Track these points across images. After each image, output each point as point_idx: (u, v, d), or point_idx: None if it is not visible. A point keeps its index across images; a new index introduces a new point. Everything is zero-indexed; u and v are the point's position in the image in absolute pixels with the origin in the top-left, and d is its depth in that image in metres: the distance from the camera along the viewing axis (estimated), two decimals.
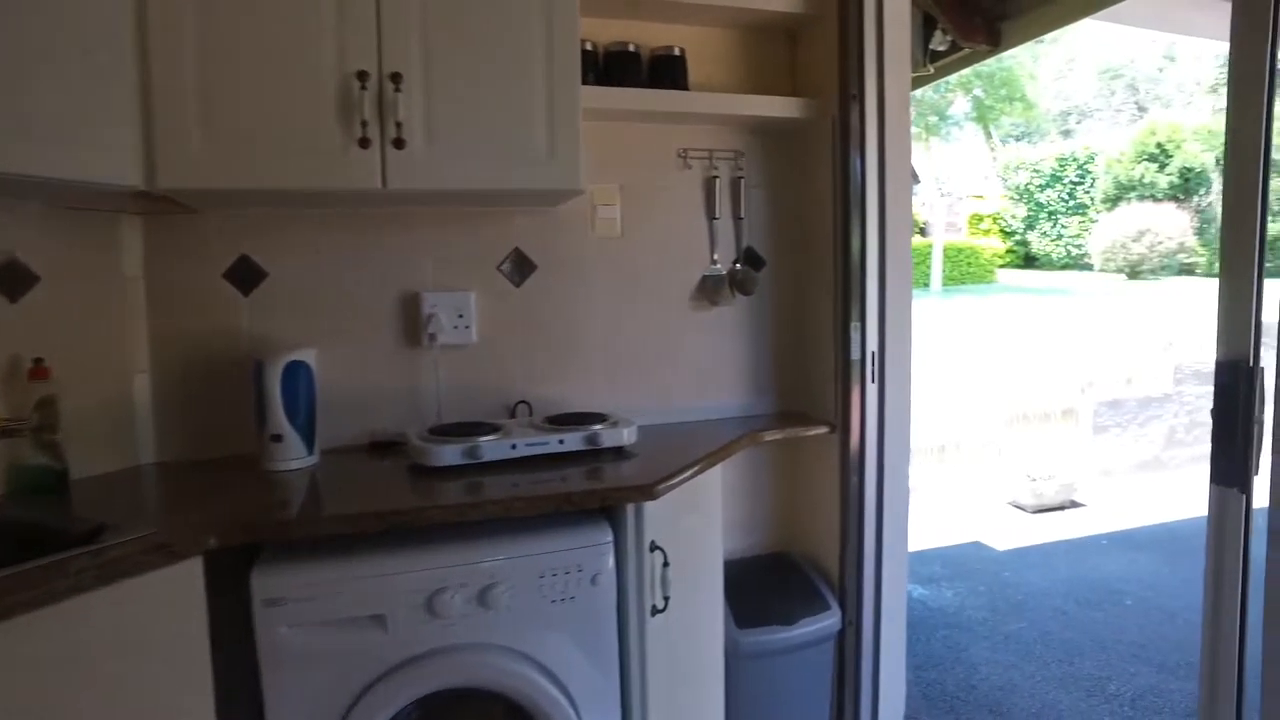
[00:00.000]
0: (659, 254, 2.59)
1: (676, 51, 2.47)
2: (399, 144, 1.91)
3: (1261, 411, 1.36)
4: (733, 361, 2.70)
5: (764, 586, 2.61)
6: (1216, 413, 1.42)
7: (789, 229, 2.72)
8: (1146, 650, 3.52)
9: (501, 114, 2.01)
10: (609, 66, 2.43)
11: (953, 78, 12.53)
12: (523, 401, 2.46)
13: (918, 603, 4.05)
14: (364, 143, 1.89)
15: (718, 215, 2.63)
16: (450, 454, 1.98)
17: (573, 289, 2.51)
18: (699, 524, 2.17)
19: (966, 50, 3.20)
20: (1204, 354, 6.38)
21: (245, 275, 2.24)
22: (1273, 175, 1.37)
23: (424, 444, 2.00)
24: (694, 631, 2.15)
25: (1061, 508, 5.44)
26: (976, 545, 4.83)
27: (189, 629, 1.54)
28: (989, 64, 11.31)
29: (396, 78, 1.89)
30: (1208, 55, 23.40)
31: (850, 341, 2.45)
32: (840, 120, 2.43)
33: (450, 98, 1.96)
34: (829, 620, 2.48)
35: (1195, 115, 17.09)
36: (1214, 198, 14.06)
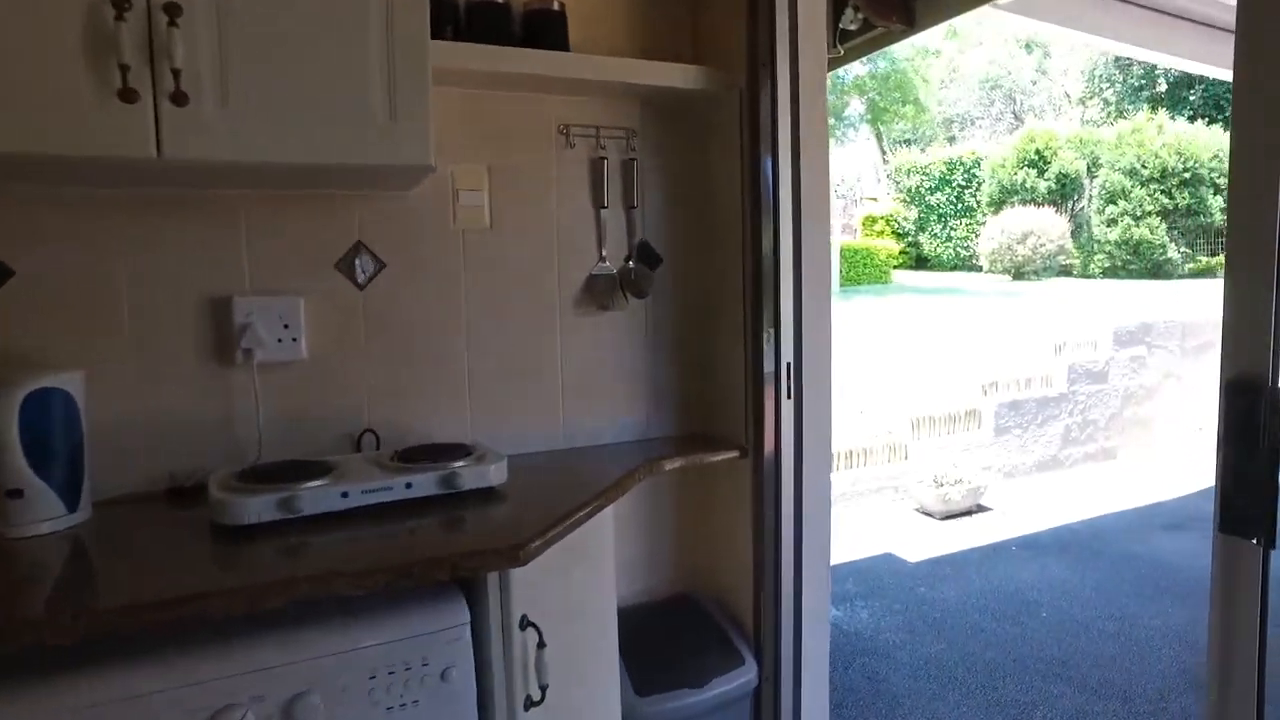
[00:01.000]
0: (536, 249, 2.18)
1: (555, 6, 2.06)
2: (179, 99, 1.42)
3: None
4: (627, 376, 2.30)
5: (667, 637, 2.22)
6: (1227, 444, 1.13)
7: (691, 221, 2.35)
8: (1067, 668, 3.34)
9: (324, 65, 1.55)
10: (472, 20, 2.00)
11: (848, 79, 12.63)
12: (369, 431, 1.99)
13: (833, 626, 3.76)
14: (127, 95, 1.39)
15: (606, 204, 2.23)
16: (257, 508, 1.50)
17: (431, 292, 2.06)
18: (585, 580, 1.77)
19: (879, 30, 2.93)
20: (1095, 353, 6.46)
21: None
22: None
23: (224, 495, 1.52)
24: None
25: (969, 512, 5.32)
26: (888, 557, 4.62)
27: None
28: (883, 66, 11.42)
29: (172, 8, 1.41)
30: (1074, 70, 24.80)
31: (762, 352, 2.10)
32: (749, 93, 2.08)
33: (251, 40, 1.49)
34: (744, 676, 2.12)
35: (1066, 125, 17.92)
36: (1086, 203, 14.73)
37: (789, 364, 2.11)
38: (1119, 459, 6.52)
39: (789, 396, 2.13)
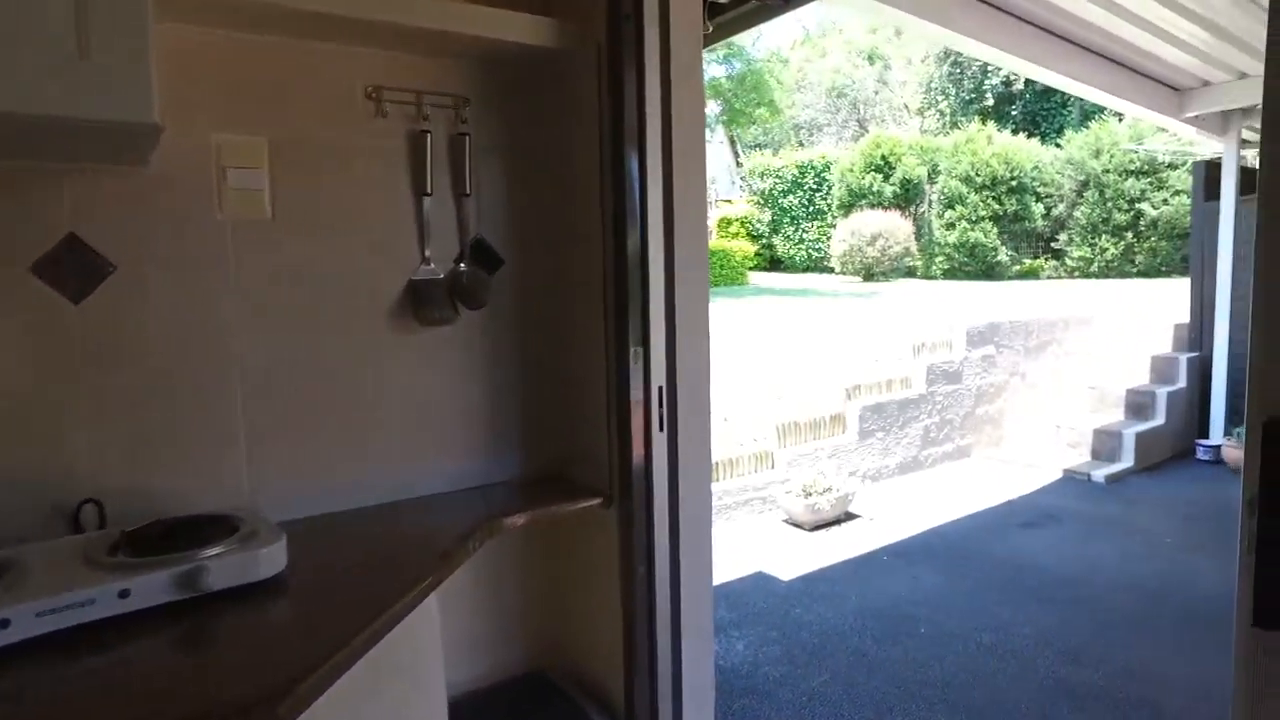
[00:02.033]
0: (337, 249, 1.68)
1: None
2: None
3: None
4: (461, 408, 1.84)
5: None
6: (1265, 513, 0.83)
7: (540, 214, 1.92)
8: (951, 691, 3.16)
9: None
10: None
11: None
12: (91, 502, 1.43)
13: None
14: None
15: (430, 190, 1.77)
16: None
17: (185, 305, 1.52)
18: (401, 701, 1.31)
19: (753, 4, 2.62)
20: (950, 354, 6.57)
21: None
22: None
23: None
24: None
25: (839, 521, 5.19)
26: (760, 577, 4.37)
27: None
28: (739, 68, 11.40)
29: None
30: (912, 82, 26.27)
31: (629, 375, 1.70)
32: (609, 51, 1.68)
33: None
34: None
35: (907, 133, 18.78)
36: (927, 207, 15.47)
37: (661, 388, 1.73)
38: (973, 457, 6.65)
39: (662, 428, 1.74)
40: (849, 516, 5.28)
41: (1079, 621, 3.74)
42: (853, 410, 5.90)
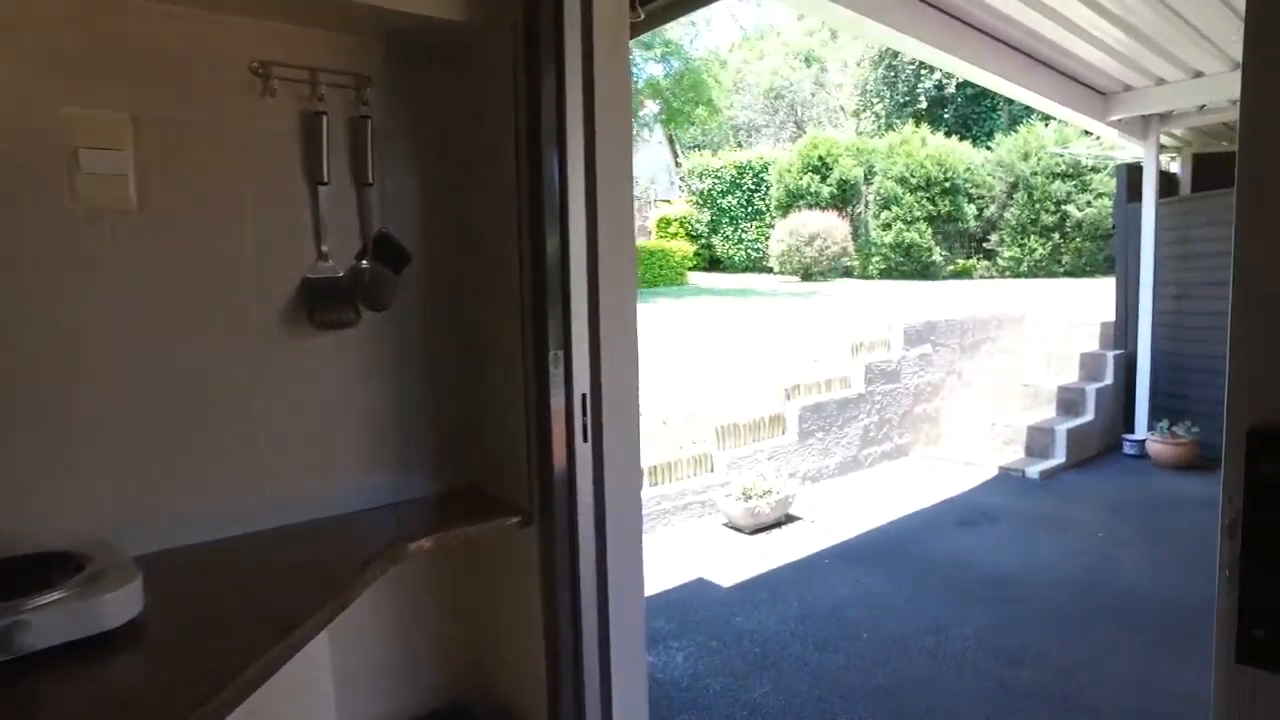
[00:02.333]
0: (218, 243, 1.49)
1: None
2: None
3: None
4: (365, 419, 1.67)
5: None
6: (1249, 535, 0.73)
7: (453, 206, 1.76)
8: (894, 698, 3.11)
9: None
10: None
11: (641, 78, 12.47)
12: None
13: (647, 676, 3.31)
14: None
15: (327, 179, 1.59)
16: None
17: (26, 306, 1.32)
18: None
19: None
20: (889, 353, 6.58)
21: None
22: None
23: None
24: None
25: (779, 524, 5.12)
26: (700, 584, 4.26)
27: None
28: (677, 67, 11.33)
29: None
30: (848, 85, 26.70)
31: (548, 381, 1.55)
32: (526, 30, 1.53)
33: None
34: None
35: (843, 134, 19.04)
36: (863, 207, 15.67)
37: (585, 395, 1.59)
38: (911, 455, 6.69)
39: (585, 438, 1.60)
40: (790, 519, 5.22)
41: (1017, 621, 3.73)
42: (792, 411, 5.85)
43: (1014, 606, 3.89)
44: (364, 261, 1.63)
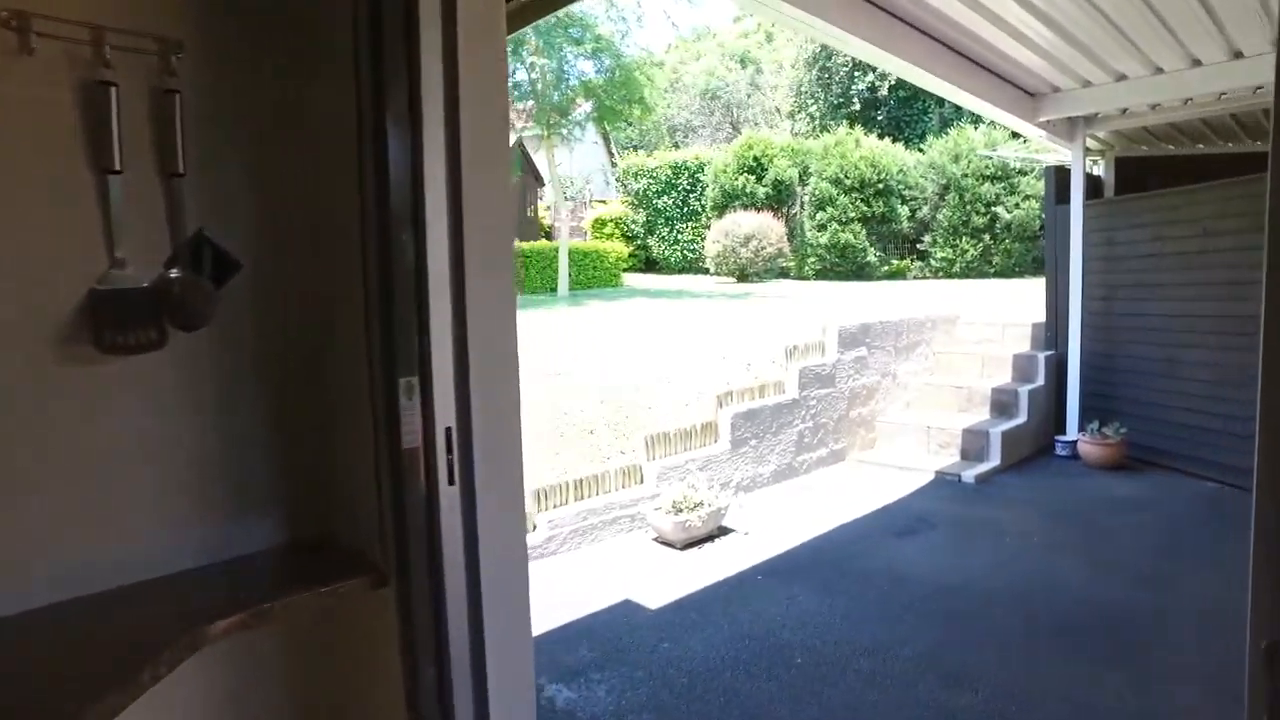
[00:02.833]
0: None
1: None
2: None
3: None
4: (179, 460, 1.36)
5: None
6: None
7: (289, 204, 1.46)
8: None
9: None
10: None
11: (573, 77, 12.17)
12: None
13: (564, 714, 3.05)
14: None
15: (119, 166, 1.28)
16: None
17: None
18: None
19: None
20: (823, 357, 6.44)
21: None
22: None
23: None
24: None
25: (711, 538, 4.90)
26: (627, 606, 4.00)
27: None
28: (609, 64, 11.08)
29: None
30: (783, 86, 26.86)
31: (399, 414, 1.27)
32: None
33: None
34: None
35: (778, 136, 19.05)
36: (799, 208, 15.66)
37: (450, 430, 1.31)
38: (847, 460, 6.56)
39: (452, 481, 1.32)
40: (722, 531, 5.00)
41: (957, 638, 3.58)
42: (725, 418, 5.64)
43: (954, 622, 3.74)
44: (174, 271, 1.32)
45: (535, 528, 4.73)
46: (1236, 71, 5.14)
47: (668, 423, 5.57)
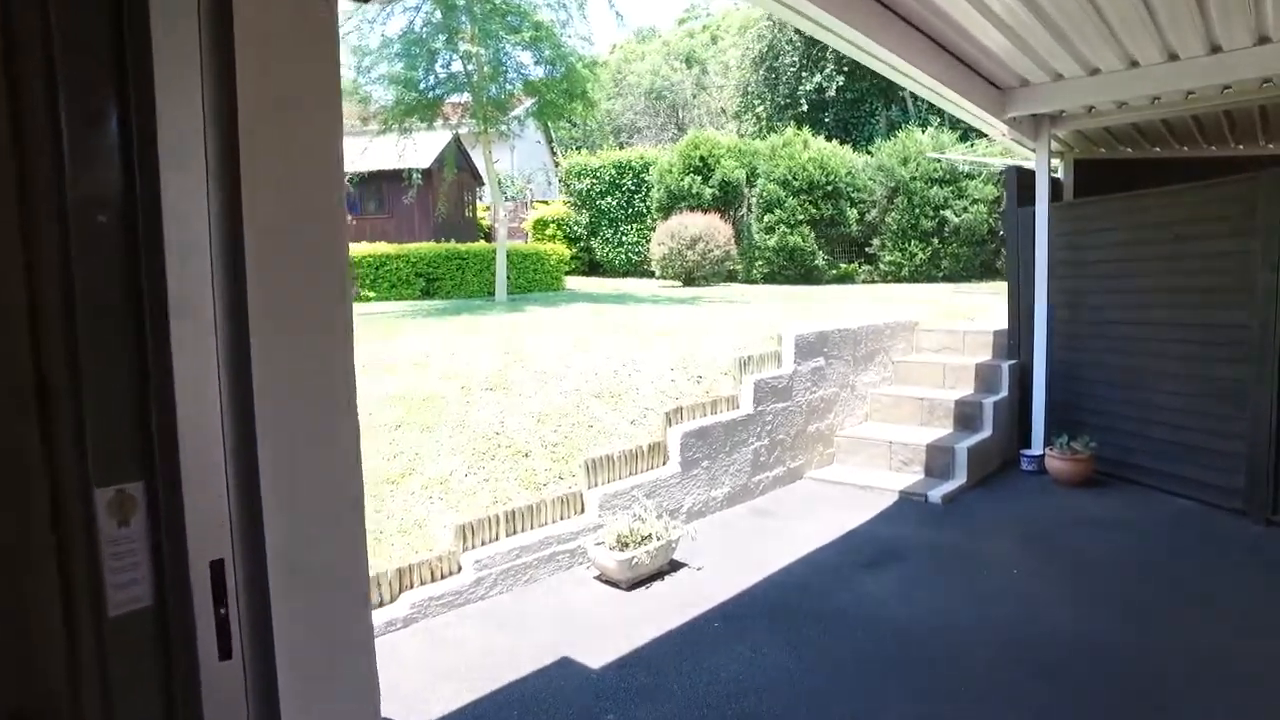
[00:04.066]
0: None
1: None
2: None
3: None
4: None
5: None
6: None
7: None
8: None
9: None
10: None
11: (513, 75, 11.50)
12: None
13: None
14: None
15: None
16: None
17: None
18: None
19: None
20: (779, 369, 5.96)
21: None
22: None
23: None
24: None
25: (661, 574, 4.36)
26: (564, 666, 3.43)
27: None
28: (550, 56, 10.46)
29: None
30: (729, 87, 26.58)
31: (99, 547, 0.68)
32: None
33: None
34: None
35: (725, 137, 18.69)
36: (746, 210, 15.27)
37: (218, 564, 0.73)
38: (805, 479, 6.09)
39: (227, 654, 0.74)
40: (673, 566, 4.47)
41: (943, 699, 3.09)
42: (674, 437, 5.11)
43: (937, 680, 3.26)
44: None
45: (460, 569, 4.12)
46: (1212, 67, 4.84)
47: (612, 443, 5.01)
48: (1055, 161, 7.57)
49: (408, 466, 4.62)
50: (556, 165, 20.08)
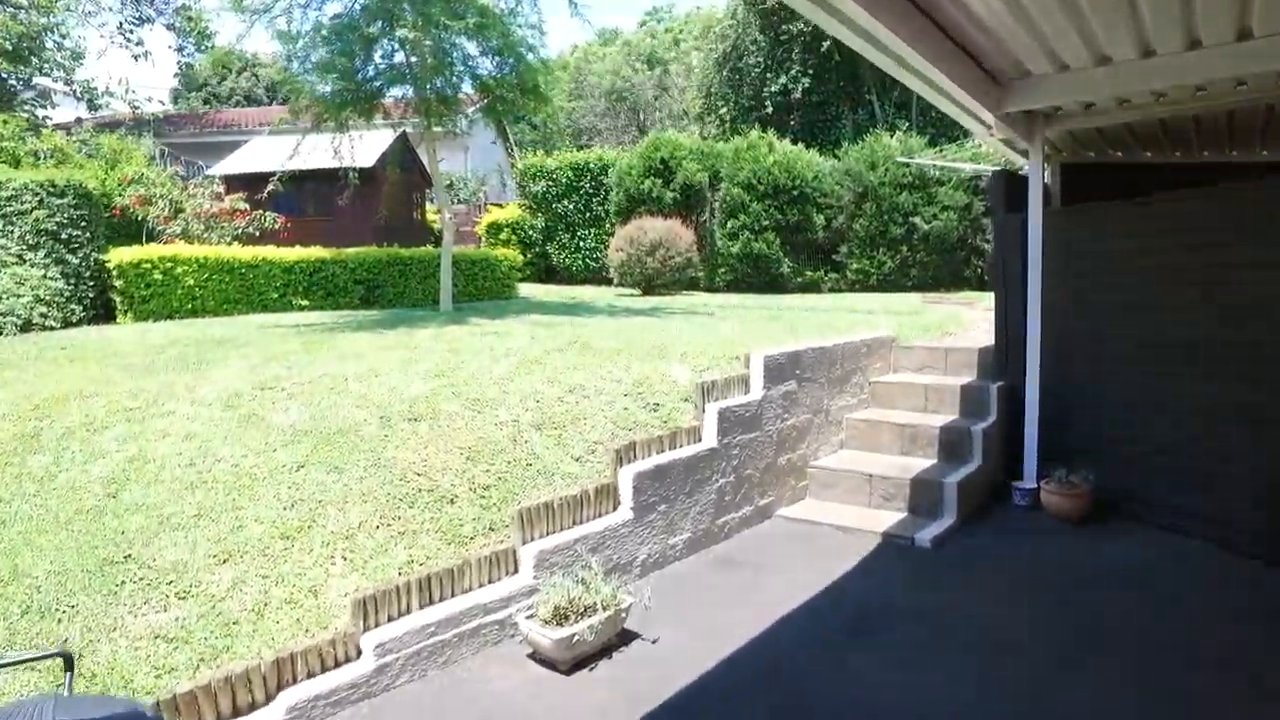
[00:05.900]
0: None
1: None
2: None
3: None
4: None
5: None
6: None
7: None
8: None
9: None
10: None
11: (457, 62, 10.67)
12: None
13: None
14: None
15: None
16: None
17: None
18: None
19: None
20: (747, 395, 5.26)
21: None
22: None
23: None
24: None
25: (608, 650, 3.61)
26: None
27: None
28: (498, 46, 9.66)
29: None
30: (691, 88, 25.99)
31: None
32: None
33: None
34: None
35: (688, 139, 18.04)
36: (709, 215, 14.61)
37: None
38: (775, 518, 5.39)
39: None
40: (624, 638, 3.72)
41: None
42: (626, 478, 4.37)
43: None
44: None
45: (359, 654, 3.33)
46: (1241, 54, 4.25)
47: (554, 485, 4.25)
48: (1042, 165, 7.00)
49: (308, 518, 3.81)
50: (514, 167, 19.24)
